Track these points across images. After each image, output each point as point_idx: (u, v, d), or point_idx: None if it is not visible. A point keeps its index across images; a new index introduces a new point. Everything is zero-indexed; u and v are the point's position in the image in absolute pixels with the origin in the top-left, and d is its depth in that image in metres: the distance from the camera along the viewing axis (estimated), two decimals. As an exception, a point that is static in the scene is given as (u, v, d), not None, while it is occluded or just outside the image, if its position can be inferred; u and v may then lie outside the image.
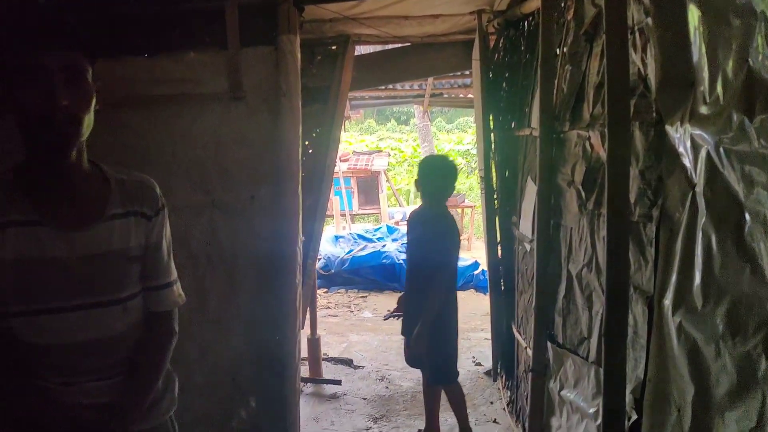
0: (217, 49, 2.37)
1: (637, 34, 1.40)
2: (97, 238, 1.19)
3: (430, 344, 2.51)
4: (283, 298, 2.20)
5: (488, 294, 3.65)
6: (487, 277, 3.72)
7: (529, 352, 2.34)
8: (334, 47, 3.28)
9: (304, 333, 3.26)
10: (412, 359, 2.80)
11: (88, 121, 1.14)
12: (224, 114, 2.34)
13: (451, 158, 3.02)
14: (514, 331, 3.00)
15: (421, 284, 2.57)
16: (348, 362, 4.01)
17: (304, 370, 3.51)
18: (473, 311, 5.32)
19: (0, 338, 1.16)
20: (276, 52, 2.31)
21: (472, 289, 6.42)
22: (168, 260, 1.36)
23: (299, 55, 2.32)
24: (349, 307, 6.20)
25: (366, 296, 6.59)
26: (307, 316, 3.35)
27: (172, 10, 2.39)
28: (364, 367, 4.00)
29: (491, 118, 3.39)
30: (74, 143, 1.13)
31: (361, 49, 3.79)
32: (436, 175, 2.64)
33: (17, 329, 1.14)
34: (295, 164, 2.24)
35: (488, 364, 3.71)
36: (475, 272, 6.59)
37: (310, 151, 3.18)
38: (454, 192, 2.96)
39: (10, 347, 1.16)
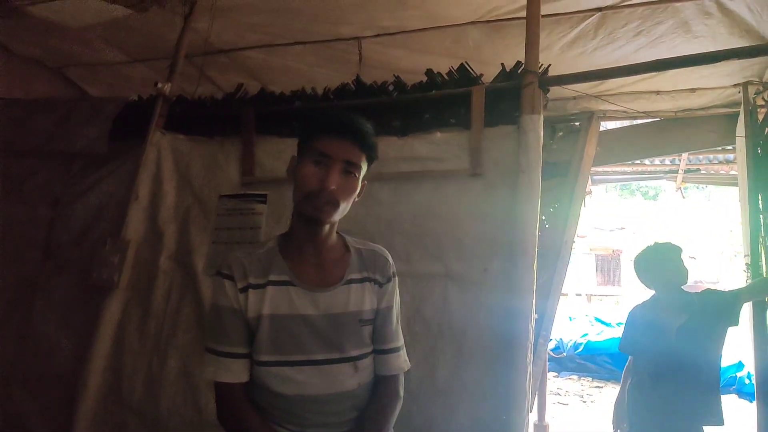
0: (461, 129, 2.61)
1: None
2: (336, 299, 1.41)
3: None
4: (511, 376, 2.20)
5: (755, 402, 3.17)
6: (754, 381, 3.24)
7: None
8: (576, 123, 3.33)
9: (531, 417, 3.19)
10: None
11: (345, 207, 1.41)
12: (462, 189, 2.52)
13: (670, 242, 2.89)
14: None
15: (671, 385, 2.42)
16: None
17: (528, 458, 3.39)
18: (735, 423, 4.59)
19: (252, 384, 1.41)
20: (517, 131, 2.44)
21: (734, 395, 5.57)
22: (396, 326, 1.53)
23: (541, 133, 2.41)
24: (582, 396, 5.81)
25: (602, 387, 6.13)
26: (535, 399, 3.27)
27: (426, 97, 2.70)
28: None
29: (759, 198, 3.04)
30: (328, 220, 1.40)
31: (606, 124, 3.75)
32: (666, 261, 2.62)
33: (265, 377, 1.37)
34: (531, 239, 2.29)
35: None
36: (739, 374, 5.71)
37: (547, 226, 3.21)
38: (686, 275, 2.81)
39: (261, 392, 1.39)
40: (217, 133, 3.10)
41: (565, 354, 6.64)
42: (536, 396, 3.28)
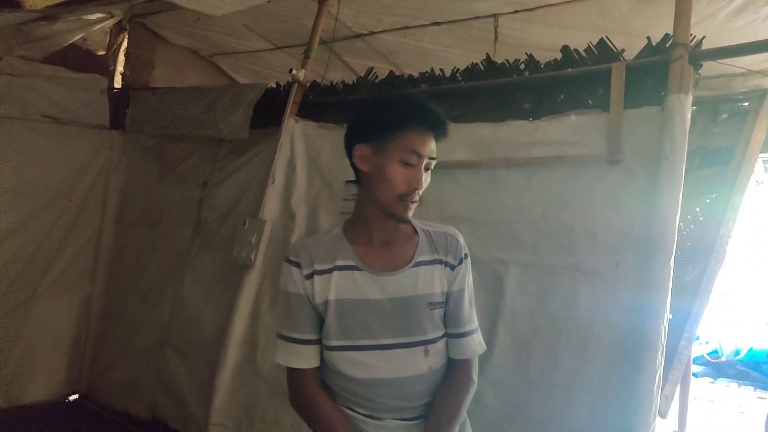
0: (598, 110, 2.49)
1: None
2: (404, 283, 1.43)
3: None
4: (638, 378, 2.10)
5: None
6: None
7: None
8: (745, 104, 3.02)
9: (670, 424, 3.01)
10: None
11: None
12: (598, 177, 2.41)
13: None
14: None
15: None
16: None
17: (665, 469, 3.21)
18: None
19: (324, 368, 1.48)
20: (662, 113, 2.28)
21: None
22: (470, 309, 1.52)
23: (689, 116, 2.24)
24: (740, 407, 5.29)
25: (765, 398, 5.53)
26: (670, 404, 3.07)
27: (560, 75, 2.61)
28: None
29: None
30: (410, 214, 1.43)
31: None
32: None
33: (336, 361, 1.43)
34: (670, 233, 2.15)
35: None
36: None
37: (701, 218, 2.97)
38: None
39: (332, 376, 1.46)
40: (346, 120, 3.25)
41: (723, 359, 6.07)
42: (674, 401, 3.07)
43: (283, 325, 1.47)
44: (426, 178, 1.41)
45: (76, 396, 4.17)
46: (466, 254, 1.53)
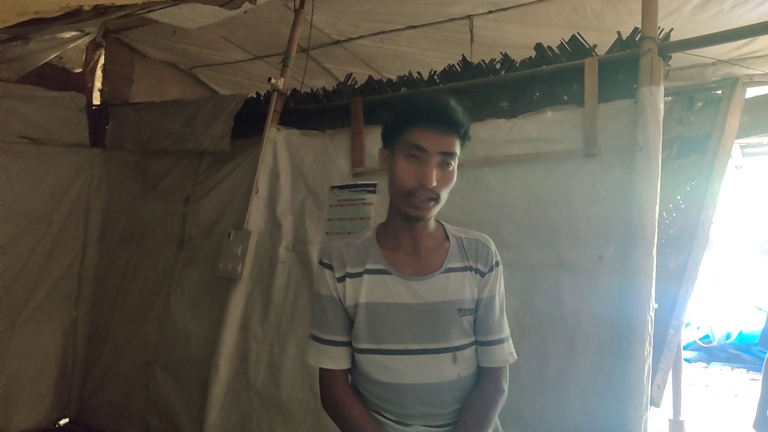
0: (574, 106, 2.58)
1: None
2: (434, 288, 1.46)
3: None
4: (627, 369, 2.16)
5: None
6: None
7: None
8: (718, 92, 3.11)
9: (665, 413, 3.08)
10: None
11: (445, 196, 1.44)
12: (576, 171, 2.49)
13: None
14: None
15: None
16: (722, 453, 3.58)
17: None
18: None
19: (355, 370, 1.52)
20: (635, 106, 2.37)
21: None
22: (500, 317, 1.54)
23: (661, 107, 2.32)
24: (734, 389, 5.41)
25: (757, 380, 5.68)
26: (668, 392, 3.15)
27: (535, 73, 2.70)
28: (743, 462, 3.50)
29: None
30: (429, 214, 1.44)
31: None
32: None
33: (365, 364, 1.47)
34: (649, 222, 2.22)
35: None
36: None
37: (682, 206, 3.05)
38: None
39: (362, 379, 1.51)
40: (327, 126, 3.33)
41: (715, 343, 6.20)
42: (668, 389, 3.14)
43: (315, 326, 1.52)
44: (444, 175, 1.41)
45: (66, 421, 4.18)
46: (497, 262, 1.55)
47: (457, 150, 1.44)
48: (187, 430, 3.33)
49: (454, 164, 1.45)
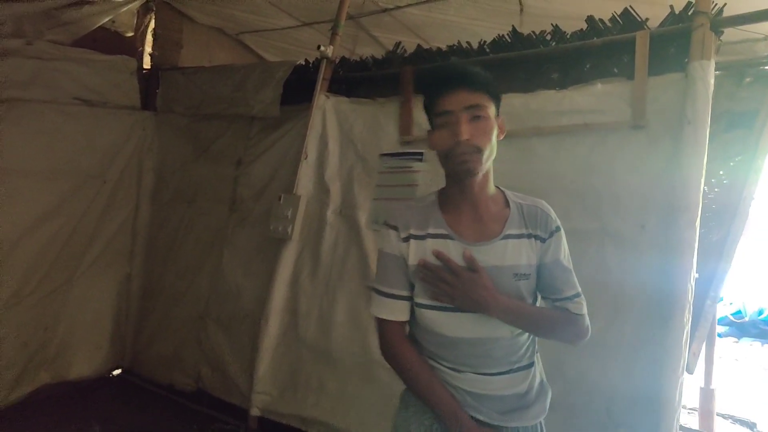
0: (623, 79, 2.65)
1: None
2: (492, 253, 1.57)
3: None
4: (666, 335, 2.29)
5: None
6: None
7: None
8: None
9: (696, 381, 3.21)
10: None
11: (490, 150, 1.54)
12: (623, 142, 2.59)
13: None
14: None
15: None
16: (750, 425, 3.72)
17: (693, 422, 3.42)
18: None
19: (414, 322, 1.67)
20: (685, 80, 2.44)
21: None
22: (568, 276, 1.65)
23: (711, 81, 2.39)
24: (764, 364, 5.51)
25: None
26: (697, 362, 3.27)
27: (586, 45, 2.77)
28: (769, 434, 3.64)
29: None
30: (477, 168, 1.53)
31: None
32: None
33: (425, 317, 1.61)
34: (694, 195, 2.32)
35: None
36: None
37: (725, 181, 3.12)
38: None
39: (421, 330, 1.65)
40: (377, 94, 3.45)
41: (747, 319, 6.28)
42: (703, 359, 3.27)
43: (378, 280, 1.66)
44: (478, 127, 1.50)
45: (119, 371, 4.48)
46: (557, 227, 1.64)
47: (485, 102, 1.52)
48: (239, 381, 3.56)
49: (488, 116, 1.52)
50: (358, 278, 3.22)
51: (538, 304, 1.67)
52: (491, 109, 1.55)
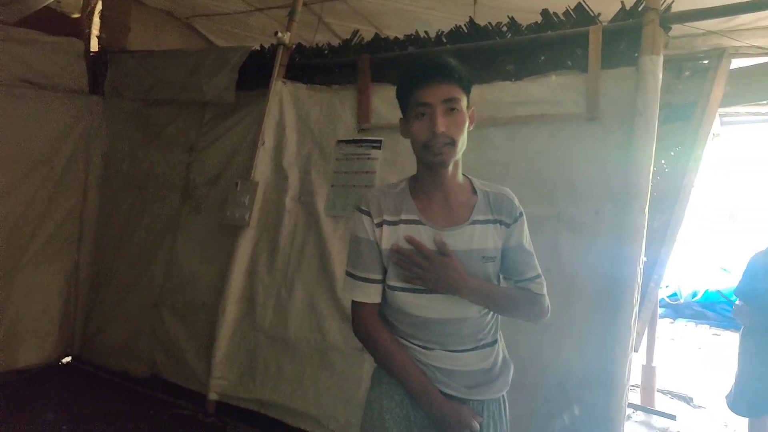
0: (577, 72, 2.75)
1: None
2: (461, 237, 1.64)
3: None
4: (617, 316, 2.42)
5: None
6: None
7: None
8: (705, 62, 3.30)
9: (639, 359, 3.38)
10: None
11: (462, 142, 1.60)
12: (578, 133, 2.69)
13: None
14: None
15: None
16: (687, 400, 3.95)
17: (635, 398, 3.61)
18: None
19: (385, 303, 1.72)
20: (636, 73, 2.55)
21: None
22: (530, 259, 1.73)
23: (660, 75, 2.51)
24: (698, 343, 5.87)
25: (719, 335, 6.14)
26: (642, 341, 3.45)
27: (541, 38, 2.85)
28: (705, 408, 3.87)
29: None
30: (449, 160, 1.60)
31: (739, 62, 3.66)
32: None
33: (396, 299, 1.68)
34: (644, 182, 2.44)
35: None
36: None
37: (666, 170, 3.27)
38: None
39: (392, 310, 1.71)
40: (334, 81, 3.44)
41: (682, 301, 6.65)
42: (645, 338, 3.45)
43: (351, 264, 1.71)
44: (453, 120, 1.56)
45: (69, 359, 4.35)
46: (520, 213, 1.72)
47: (460, 95, 1.59)
48: (196, 367, 3.53)
49: (461, 108, 1.59)
50: (317, 265, 3.23)
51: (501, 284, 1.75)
52: (464, 102, 1.60)
